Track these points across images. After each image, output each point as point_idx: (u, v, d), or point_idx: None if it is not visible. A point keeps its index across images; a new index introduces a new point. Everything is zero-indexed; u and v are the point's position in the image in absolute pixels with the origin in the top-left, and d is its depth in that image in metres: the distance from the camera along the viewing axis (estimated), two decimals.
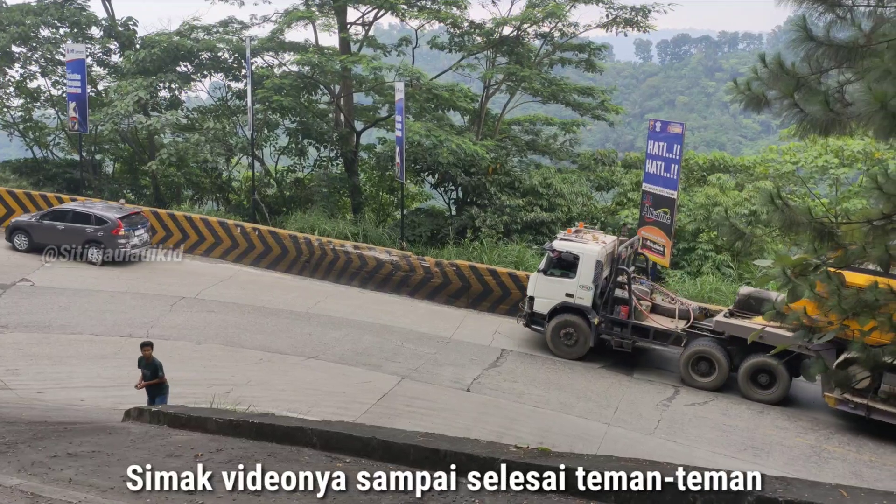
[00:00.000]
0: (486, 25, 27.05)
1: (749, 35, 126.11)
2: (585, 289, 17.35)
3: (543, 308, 17.78)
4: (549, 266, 17.72)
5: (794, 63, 6.87)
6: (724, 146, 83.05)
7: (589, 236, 18.18)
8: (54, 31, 28.86)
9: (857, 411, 14.56)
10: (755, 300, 16.53)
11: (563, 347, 17.67)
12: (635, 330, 17.29)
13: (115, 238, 21.25)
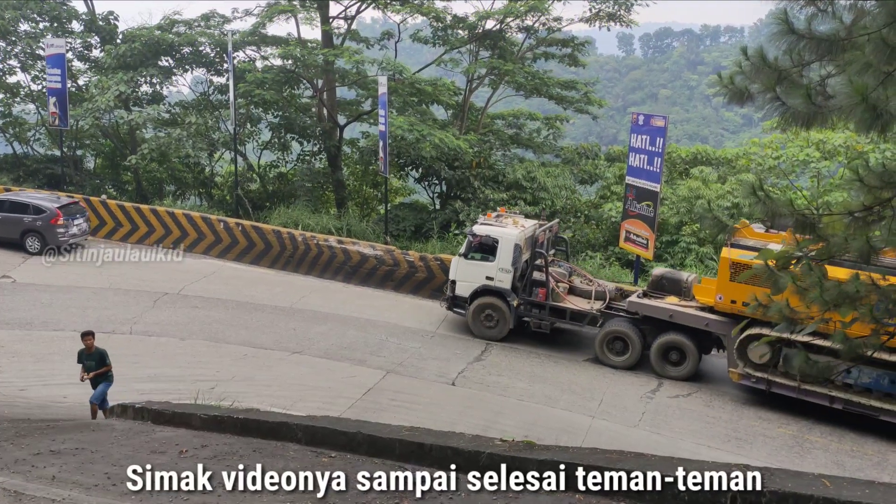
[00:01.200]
0: (468, 19, 27.05)
1: (731, 28, 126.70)
2: (504, 272, 17.75)
3: (465, 291, 18.15)
4: (470, 250, 18.08)
5: (777, 56, 6.90)
6: (707, 139, 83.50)
7: (509, 220, 18.47)
8: (34, 25, 28.56)
9: (758, 385, 15.31)
10: (668, 281, 17.32)
11: (484, 329, 18.06)
12: (553, 311, 17.75)
13: (53, 227, 21.15)
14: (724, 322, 15.85)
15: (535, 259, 17.90)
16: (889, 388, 14.18)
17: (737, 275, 15.28)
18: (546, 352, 17.50)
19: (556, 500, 6.48)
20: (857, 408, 14.45)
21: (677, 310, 16.46)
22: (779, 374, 15.07)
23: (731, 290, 15.43)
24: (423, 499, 6.56)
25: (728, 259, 15.44)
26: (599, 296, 18.04)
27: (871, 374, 14.28)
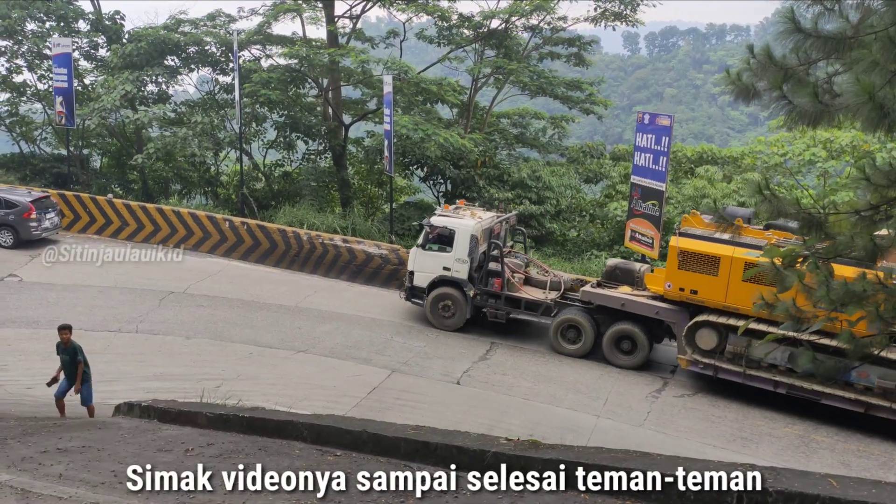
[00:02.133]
0: (474, 18, 27.04)
1: (737, 27, 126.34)
2: (461, 262, 18.02)
3: (423, 282, 18.41)
4: (427, 241, 18.35)
5: (784, 55, 6.89)
6: (712, 138, 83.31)
7: (467, 213, 18.74)
8: (40, 24, 28.62)
9: (705, 371, 15.77)
10: (621, 271, 17.74)
11: (442, 319, 18.32)
12: (508, 301, 18.05)
13: (26, 221, 21.29)
14: (674, 310, 16.24)
15: (491, 249, 18.21)
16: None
17: (685, 263, 15.68)
18: (551, 351, 17.48)
19: (562, 499, 6.48)
20: (799, 392, 14.88)
21: (629, 299, 16.81)
22: (725, 360, 15.49)
23: (679, 278, 15.82)
24: (428, 497, 6.56)
25: (676, 248, 15.75)
26: (554, 286, 18.35)
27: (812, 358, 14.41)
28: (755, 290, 14.71)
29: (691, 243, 15.74)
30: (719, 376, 15.65)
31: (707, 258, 15.49)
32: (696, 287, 15.69)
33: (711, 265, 15.46)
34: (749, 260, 14.85)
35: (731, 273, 15.27)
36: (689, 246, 15.69)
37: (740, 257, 15.10)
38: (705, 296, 15.63)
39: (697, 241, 15.76)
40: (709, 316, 15.59)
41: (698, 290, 15.68)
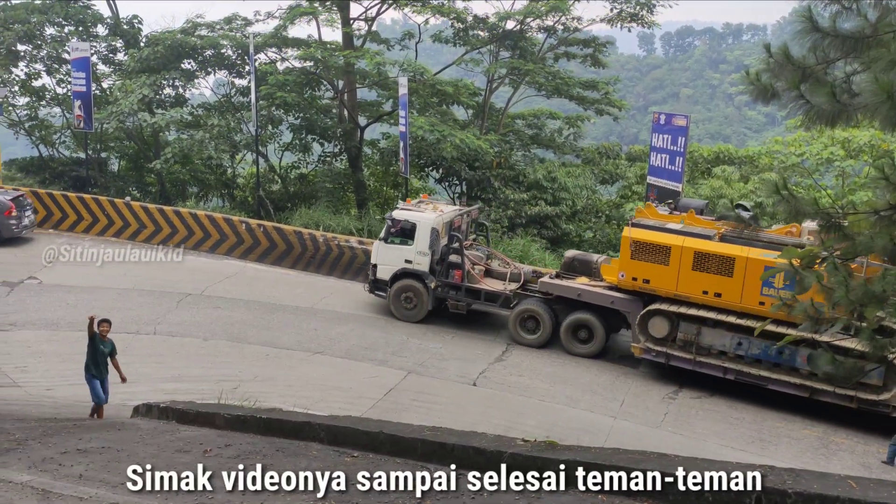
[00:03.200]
0: (489, 20, 27.03)
1: (754, 26, 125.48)
2: (422, 255, 18.34)
3: (385, 274, 18.75)
4: (389, 234, 18.69)
5: (804, 55, 6.85)
6: (729, 138, 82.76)
7: (429, 206, 19.04)
8: (59, 29, 28.92)
9: (658, 359, 16.12)
10: (579, 262, 18.16)
11: (404, 311, 18.65)
12: (468, 292, 18.35)
13: (6, 219, 21.60)
14: (629, 299, 16.51)
15: (452, 242, 18.49)
16: (776, 358, 15.00)
17: (637, 253, 16.00)
18: (568, 353, 17.41)
19: (579, 500, 6.46)
20: (747, 378, 15.27)
21: (585, 289, 17.14)
22: (676, 348, 15.84)
23: (632, 268, 16.14)
24: (444, 498, 6.56)
25: (629, 238, 16.06)
26: (515, 278, 18.59)
27: (759, 345, 15.09)
28: (705, 278, 15.32)
29: (643, 233, 16.07)
30: (671, 363, 16.01)
31: (658, 248, 15.83)
32: (648, 276, 16.04)
33: (662, 255, 15.80)
34: (698, 248, 15.48)
35: (681, 262, 15.64)
36: (640, 236, 16.02)
37: (690, 247, 15.54)
38: (657, 285, 15.99)
39: (649, 231, 16.13)
40: (661, 305, 15.92)
41: (650, 279, 16.04)
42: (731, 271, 15.18)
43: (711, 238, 15.64)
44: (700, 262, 15.45)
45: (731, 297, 15.26)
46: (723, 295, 15.31)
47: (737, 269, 15.13)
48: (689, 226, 16.18)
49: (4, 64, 27.73)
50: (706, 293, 15.46)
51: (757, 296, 14.97)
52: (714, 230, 15.87)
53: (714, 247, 15.41)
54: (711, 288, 15.37)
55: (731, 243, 15.33)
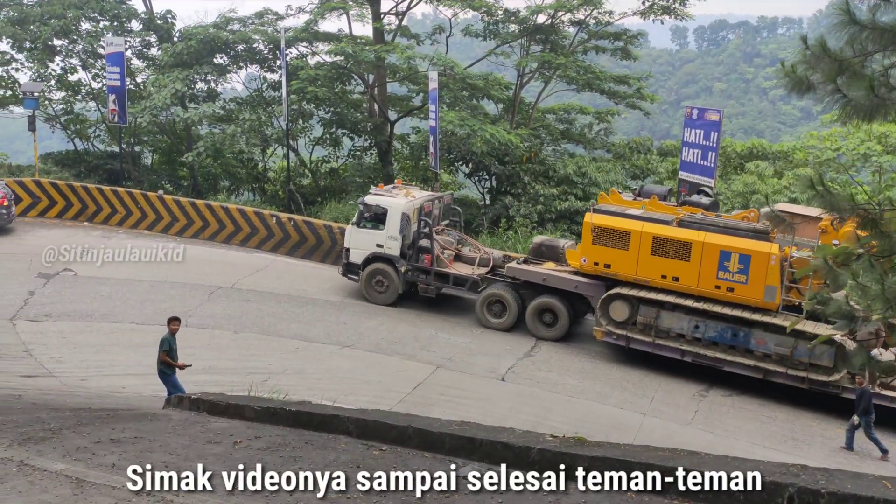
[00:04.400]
0: (520, 13, 26.91)
1: (789, 20, 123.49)
2: (393, 239, 18.80)
3: (358, 258, 19.22)
4: (361, 219, 19.17)
5: (840, 48, 6.73)
6: (763, 133, 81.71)
7: (402, 192, 19.58)
8: (94, 24, 29.30)
9: (618, 342, 16.54)
10: (546, 248, 18.55)
11: (376, 294, 19.13)
12: (438, 276, 18.81)
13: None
14: (592, 284, 16.95)
15: (422, 227, 18.84)
16: (731, 340, 15.45)
17: (599, 238, 16.47)
18: (598, 348, 17.34)
19: (608, 498, 6.43)
20: (703, 360, 15.71)
21: (550, 274, 17.55)
22: (636, 331, 16.25)
23: (593, 253, 16.61)
24: (475, 493, 6.56)
25: (590, 223, 16.53)
26: (483, 262, 19.04)
27: (716, 328, 15.57)
28: (663, 263, 15.76)
29: (604, 219, 16.52)
30: (631, 346, 16.40)
31: (618, 233, 16.28)
32: (609, 261, 16.50)
33: (622, 240, 16.24)
34: (656, 234, 15.91)
35: (640, 247, 16.06)
36: (601, 222, 16.47)
37: (649, 232, 15.96)
38: (618, 269, 16.44)
39: (610, 216, 16.57)
40: (621, 289, 16.31)
41: (611, 263, 16.49)
42: (688, 256, 15.63)
43: (669, 223, 16.04)
44: (658, 246, 15.92)
45: (688, 281, 15.73)
46: (680, 279, 15.79)
47: (693, 254, 15.57)
48: (649, 211, 16.59)
49: (41, 59, 28.15)
50: (664, 277, 15.97)
51: (713, 279, 15.46)
52: (672, 215, 16.26)
53: (671, 232, 15.87)
54: (669, 272, 15.87)
55: (688, 228, 15.80)
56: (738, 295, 15.34)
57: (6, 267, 19.58)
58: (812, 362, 14.84)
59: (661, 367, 16.41)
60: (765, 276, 15.03)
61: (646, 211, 16.67)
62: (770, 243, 15.17)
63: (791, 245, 15.35)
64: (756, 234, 15.42)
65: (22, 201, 23.94)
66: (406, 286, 18.94)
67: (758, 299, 15.21)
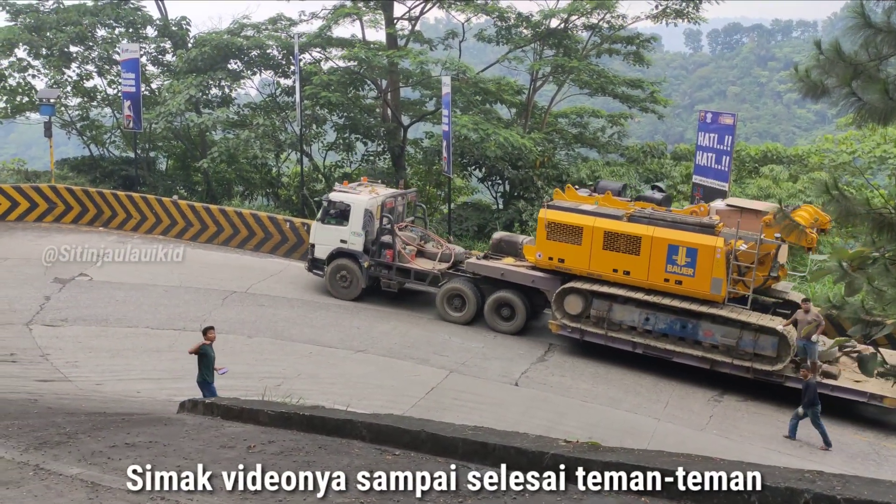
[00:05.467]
0: (533, 18, 26.91)
1: (804, 23, 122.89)
2: (357, 235, 19.26)
3: (322, 254, 19.67)
4: (326, 215, 19.60)
5: (855, 51, 6.69)
6: (778, 137, 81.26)
7: (366, 189, 19.95)
8: (110, 30, 29.51)
9: (573, 335, 16.96)
10: (506, 243, 19.03)
11: (340, 289, 19.56)
12: (399, 271, 19.24)
13: None
14: (548, 278, 17.39)
15: (384, 223, 19.31)
16: (680, 332, 15.92)
17: (552, 234, 16.92)
18: (611, 353, 17.26)
19: (621, 503, 6.40)
20: (654, 351, 16.21)
21: (508, 269, 18.02)
22: (590, 324, 16.69)
23: (548, 248, 17.07)
24: (486, 497, 6.55)
25: (545, 219, 17.02)
26: (445, 258, 19.39)
27: (665, 320, 16.04)
28: (614, 257, 16.24)
29: (557, 215, 16.98)
30: (585, 339, 16.85)
31: (571, 228, 16.76)
32: (563, 256, 16.94)
33: (575, 235, 16.73)
34: (607, 228, 16.32)
35: (592, 242, 16.55)
36: (555, 217, 16.94)
37: (600, 227, 16.45)
38: (571, 264, 16.90)
39: (563, 212, 17.03)
40: (575, 283, 16.79)
41: (565, 258, 16.94)
42: (638, 250, 16.08)
43: (620, 218, 16.38)
44: (609, 241, 16.38)
45: (638, 275, 16.21)
46: (631, 272, 16.27)
47: (643, 248, 16.03)
48: (601, 207, 16.97)
49: (57, 65, 28.37)
50: (616, 271, 16.41)
51: (662, 273, 15.93)
52: (623, 211, 16.64)
53: (622, 227, 16.32)
54: (621, 266, 16.32)
55: (637, 223, 16.22)
56: (686, 287, 15.79)
57: (23, 272, 19.74)
58: (756, 352, 15.30)
59: (675, 371, 16.35)
60: (711, 269, 15.49)
61: (599, 206, 17.08)
62: (715, 237, 15.60)
63: (735, 238, 15.67)
64: (702, 228, 15.84)
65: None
66: (369, 281, 19.39)
67: (705, 292, 15.65)
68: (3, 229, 23.32)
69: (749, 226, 15.87)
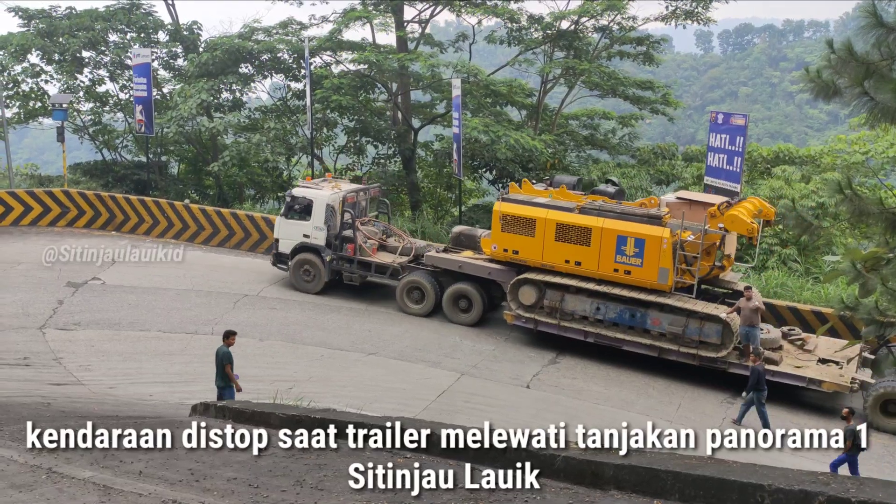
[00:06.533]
0: (544, 20, 26.89)
1: (815, 23, 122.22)
2: (319, 230, 19.62)
3: (286, 248, 20.07)
4: (289, 211, 20.02)
5: (867, 51, 6.65)
6: (790, 137, 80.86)
7: (329, 185, 20.31)
8: (122, 36, 29.67)
9: (527, 325, 17.38)
10: (465, 237, 19.47)
11: (304, 283, 19.97)
12: (361, 265, 19.61)
13: None
14: (504, 270, 17.77)
15: (344, 217, 19.69)
16: (630, 321, 16.37)
17: (507, 226, 17.35)
18: (623, 356, 17.19)
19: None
20: (605, 340, 16.64)
21: (466, 261, 18.44)
22: (544, 314, 17.07)
23: (503, 240, 17.50)
24: (497, 500, 6.54)
25: (499, 212, 17.44)
26: (405, 251, 19.73)
27: (615, 309, 16.46)
28: (566, 248, 16.68)
29: (511, 207, 17.41)
30: (539, 329, 17.25)
31: (525, 220, 17.18)
32: (517, 248, 17.36)
33: (529, 227, 17.13)
34: (559, 220, 16.74)
35: (545, 234, 16.97)
36: (509, 210, 17.36)
37: (553, 219, 16.88)
38: (525, 255, 17.31)
39: (517, 205, 17.45)
40: (529, 274, 17.17)
41: (519, 250, 17.35)
42: (589, 241, 16.54)
43: (572, 211, 16.73)
44: (562, 233, 16.82)
45: (589, 266, 16.66)
46: (582, 263, 16.73)
47: (593, 239, 16.50)
48: (554, 200, 17.38)
49: (70, 70, 28.56)
50: (568, 262, 16.86)
51: (612, 263, 16.38)
52: (575, 203, 17.01)
53: (573, 218, 16.76)
54: (572, 257, 16.78)
55: (588, 215, 16.65)
56: (635, 277, 16.22)
57: (36, 276, 19.84)
58: (702, 340, 15.79)
59: (687, 374, 16.28)
60: (658, 259, 15.92)
61: (552, 199, 17.46)
62: (662, 227, 15.97)
63: (681, 229, 16.02)
64: (649, 219, 16.22)
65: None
66: (332, 275, 19.76)
67: (652, 281, 16.08)
68: (16, 234, 23.45)
69: (698, 217, 16.31)
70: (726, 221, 15.97)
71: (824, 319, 17.19)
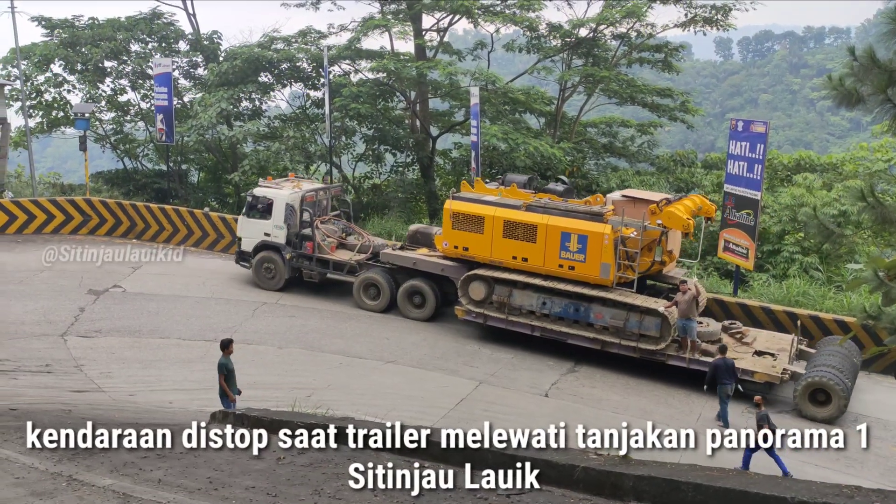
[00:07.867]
0: (562, 27, 26.86)
1: (836, 30, 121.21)
2: (279, 228, 20.18)
3: (248, 246, 20.63)
4: (250, 210, 20.57)
5: (890, 58, 6.58)
6: (811, 145, 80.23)
7: (290, 184, 20.77)
8: (143, 45, 29.96)
9: (477, 319, 17.84)
10: (421, 235, 19.97)
11: (265, 280, 20.55)
12: (319, 262, 20.16)
13: None
14: (455, 267, 18.26)
15: (303, 216, 20.15)
16: (574, 315, 16.79)
17: (457, 223, 17.86)
18: (642, 365, 17.08)
19: None
20: (551, 334, 17.05)
21: (420, 258, 18.96)
22: (493, 309, 17.51)
23: (453, 238, 18.01)
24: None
25: (449, 210, 17.94)
26: (364, 249, 20.26)
27: (560, 304, 16.88)
28: (513, 244, 17.10)
29: (461, 205, 17.90)
30: (488, 323, 17.70)
31: (474, 218, 17.65)
32: (467, 244, 17.86)
33: (478, 224, 17.61)
34: (506, 218, 17.19)
35: (493, 231, 17.41)
36: (459, 208, 17.85)
37: (500, 216, 17.33)
38: (475, 252, 17.80)
39: (466, 203, 17.95)
40: (479, 270, 17.63)
41: (469, 247, 17.85)
42: (535, 237, 16.97)
43: (519, 208, 17.27)
44: (509, 230, 17.27)
45: (535, 261, 17.10)
46: (528, 259, 17.14)
47: (539, 236, 16.93)
48: (503, 198, 17.75)
49: (92, 80, 28.87)
50: (515, 258, 17.28)
51: (557, 259, 16.81)
52: (522, 201, 17.35)
53: (520, 216, 17.19)
54: (519, 253, 17.23)
55: (534, 212, 17.06)
56: (579, 273, 16.62)
57: (58, 284, 20.04)
58: (642, 333, 16.25)
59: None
60: (600, 255, 16.33)
61: (501, 197, 17.82)
62: (604, 224, 16.33)
63: (622, 226, 16.29)
64: (592, 216, 16.61)
65: None
66: (292, 272, 20.30)
67: (595, 276, 16.45)
68: (39, 241, 23.70)
69: (640, 215, 16.58)
70: (664, 218, 16.35)
71: (847, 328, 17.01)
